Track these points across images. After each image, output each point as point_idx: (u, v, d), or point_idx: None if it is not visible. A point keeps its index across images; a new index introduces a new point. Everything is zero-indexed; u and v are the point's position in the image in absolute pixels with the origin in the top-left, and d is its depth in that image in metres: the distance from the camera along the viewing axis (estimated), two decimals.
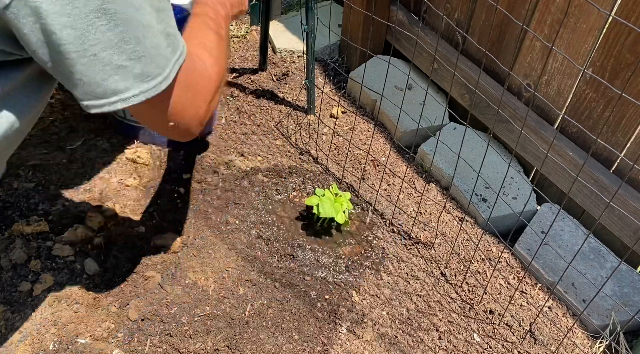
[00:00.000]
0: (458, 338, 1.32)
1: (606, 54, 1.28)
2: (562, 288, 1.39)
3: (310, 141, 1.75)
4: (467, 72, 1.62)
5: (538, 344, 1.32)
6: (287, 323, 1.30)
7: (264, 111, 1.83)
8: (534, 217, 1.53)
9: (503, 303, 1.39)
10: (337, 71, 2.01)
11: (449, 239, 1.51)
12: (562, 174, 1.45)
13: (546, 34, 1.41)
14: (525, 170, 1.66)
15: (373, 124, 1.82)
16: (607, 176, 1.36)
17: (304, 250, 1.45)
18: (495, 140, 1.73)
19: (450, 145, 1.60)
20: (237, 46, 2.09)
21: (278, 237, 1.47)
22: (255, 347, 1.25)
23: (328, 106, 1.87)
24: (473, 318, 1.36)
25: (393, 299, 1.38)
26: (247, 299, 1.33)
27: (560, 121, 1.48)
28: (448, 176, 1.61)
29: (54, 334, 1.22)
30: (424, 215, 1.57)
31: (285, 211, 1.54)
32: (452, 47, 1.71)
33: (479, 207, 1.54)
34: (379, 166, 1.69)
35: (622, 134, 1.34)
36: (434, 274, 1.44)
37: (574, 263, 1.37)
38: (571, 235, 1.49)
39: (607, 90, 1.31)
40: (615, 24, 1.24)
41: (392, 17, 1.83)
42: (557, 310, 1.39)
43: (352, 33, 1.92)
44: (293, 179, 1.62)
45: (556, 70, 1.43)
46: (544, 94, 1.49)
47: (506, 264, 1.47)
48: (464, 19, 1.65)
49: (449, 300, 1.39)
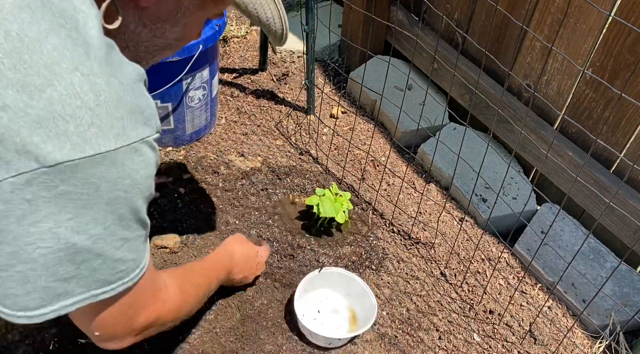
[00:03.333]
0: (458, 338, 1.32)
1: (606, 54, 1.28)
2: (562, 288, 1.39)
3: (310, 141, 1.75)
4: (467, 73, 1.62)
5: (538, 344, 1.32)
6: (287, 322, 1.30)
7: (264, 111, 1.83)
8: (534, 218, 1.53)
9: (503, 303, 1.39)
10: (337, 71, 2.01)
11: (449, 239, 1.51)
12: (562, 174, 1.45)
13: (546, 34, 1.41)
14: (525, 170, 1.66)
15: (373, 124, 1.82)
16: (607, 176, 1.36)
17: (304, 250, 1.45)
18: (495, 140, 1.73)
19: (450, 145, 1.60)
20: (237, 46, 2.09)
21: (278, 237, 1.47)
22: (255, 347, 1.25)
23: (328, 106, 1.87)
24: (473, 318, 1.36)
25: (393, 299, 1.38)
26: (247, 299, 1.33)
27: (560, 121, 1.48)
28: (448, 176, 1.61)
29: (54, 334, 1.22)
30: (424, 215, 1.57)
31: (285, 211, 1.54)
32: (452, 48, 1.71)
33: (479, 208, 1.54)
34: (379, 166, 1.69)
35: (622, 134, 1.34)
36: (434, 274, 1.44)
37: (574, 263, 1.37)
38: (571, 235, 1.49)
39: (607, 90, 1.32)
40: (615, 24, 1.24)
41: (392, 18, 1.83)
42: (557, 310, 1.39)
43: (352, 33, 1.92)
44: (293, 180, 1.62)
45: (556, 71, 1.44)
46: (544, 94, 1.49)
47: (506, 264, 1.47)
48: (464, 19, 1.65)
49: (449, 300, 1.39)
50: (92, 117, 0.56)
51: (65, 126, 0.54)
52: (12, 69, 0.53)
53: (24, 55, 0.53)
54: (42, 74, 0.53)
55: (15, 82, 0.53)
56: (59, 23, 0.56)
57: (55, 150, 0.54)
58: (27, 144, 0.53)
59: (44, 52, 0.54)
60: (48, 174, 0.54)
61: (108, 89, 0.57)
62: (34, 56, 0.53)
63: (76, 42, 0.56)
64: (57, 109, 0.54)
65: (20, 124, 0.53)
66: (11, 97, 0.52)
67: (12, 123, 0.53)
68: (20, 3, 0.54)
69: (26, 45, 0.53)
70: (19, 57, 0.53)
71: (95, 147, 0.56)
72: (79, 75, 0.55)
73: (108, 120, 0.57)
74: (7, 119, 0.52)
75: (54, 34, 0.55)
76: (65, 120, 0.54)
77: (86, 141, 0.55)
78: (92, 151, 0.56)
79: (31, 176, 0.54)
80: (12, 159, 0.53)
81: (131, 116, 0.59)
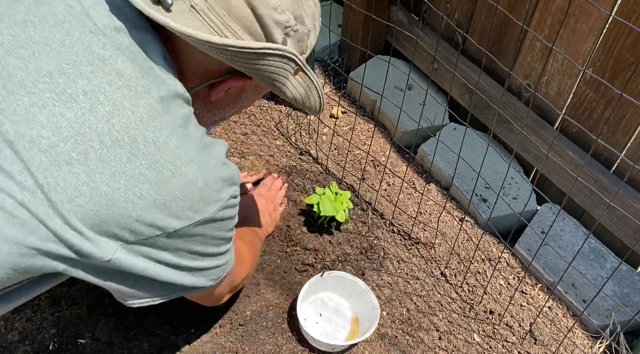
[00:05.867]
0: (458, 338, 1.32)
1: (606, 54, 1.28)
2: (562, 288, 1.39)
3: (310, 141, 1.75)
4: (467, 72, 1.62)
5: (538, 345, 1.32)
6: (287, 323, 1.30)
7: (264, 111, 1.83)
8: (534, 218, 1.53)
9: (503, 303, 1.39)
10: (337, 71, 2.01)
11: (449, 239, 1.51)
12: (562, 174, 1.45)
13: (546, 34, 1.41)
14: (526, 170, 1.66)
15: (373, 124, 1.82)
16: (607, 176, 1.36)
17: (304, 250, 1.45)
18: (496, 140, 1.73)
19: (450, 145, 1.60)
20: None
21: (278, 237, 1.47)
22: (255, 347, 1.24)
23: (328, 106, 1.87)
24: (473, 318, 1.36)
25: (393, 299, 1.38)
26: (247, 298, 1.33)
27: (561, 121, 1.48)
28: (448, 176, 1.61)
29: (54, 334, 1.22)
30: (424, 215, 1.57)
31: (285, 211, 1.53)
32: (452, 47, 1.71)
33: (479, 208, 1.54)
34: (379, 166, 1.69)
35: (622, 134, 1.34)
36: (434, 274, 1.44)
37: (574, 263, 1.37)
38: (571, 235, 1.49)
39: (607, 90, 1.31)
40: (615, 24, 1.24)
41: (392, 17, 1.83)
42: (557, 310, 1.39)
43: (352, 33, 1.92)
44: (293, 179, 1.62)
45: (556, 71, 1.43)
46: (544, 94, 1.49)
47: (506, 265, 1.47)
48: (464, 19, 1.65)
49: (449, 300, 1.39)
50: (199, 194, 0.73)
51: (182, 204, 0.71)
52: (148, 167, 0.68)
53: (156, 156, 0.69)
54: (169, 168, 0.70)
55: (150, 178, 0.68)
56: (178, 124, 0.72)
57: (174, 221, 0.72)
58: (155, 220, 0.70)
59: (170, 151, 0.70)
60: (168, 237, 0.73)
61: (211, 171, 0.75)
62: (163, 155, 0.69)
63: (188, 138, 0.73)
64: (177, 194, 0.71)
65: (151, 208, 0.69)
66: (146, 190, 0.68)
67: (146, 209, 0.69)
68: (153, 114, 0.69)
69: (158, 147, 0.69)
70: (152, 158, 0.68)
71: (201, 214, 0.74)
72: (193, 165, 0.72)
73: (209, 193, 0.74)
74: (142, 205, 0.68)
75: (174, 135, 0.71)
76: (183, 200, 0.71)
77: (196, 211, 0.73)
78: (199, 218, 0.74)
79: (155, 239, 0.72)
80: (142, 231, 0.70)
81: (223, 183, 0.77)
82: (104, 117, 0.66)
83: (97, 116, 0.66)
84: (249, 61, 0.76)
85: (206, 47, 0.72)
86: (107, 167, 0.66)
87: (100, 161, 0.65)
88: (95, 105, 0.66)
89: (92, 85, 0.66)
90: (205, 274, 0.85)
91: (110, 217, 0.67)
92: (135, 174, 0.67)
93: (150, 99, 0.69)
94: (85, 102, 0.65)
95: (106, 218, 0.67)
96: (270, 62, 0.77)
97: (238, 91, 0.89)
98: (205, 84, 0.83)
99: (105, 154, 0.66)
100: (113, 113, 0.66)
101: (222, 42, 0.71)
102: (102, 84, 0.67)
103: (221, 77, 0.83)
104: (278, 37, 0.78)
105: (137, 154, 0.67)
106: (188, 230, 0.74)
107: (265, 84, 0.83)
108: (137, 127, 0.68)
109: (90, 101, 0.66)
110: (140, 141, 0.68)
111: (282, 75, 0.81)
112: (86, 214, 0.65)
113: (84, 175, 0.65)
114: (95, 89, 0.66)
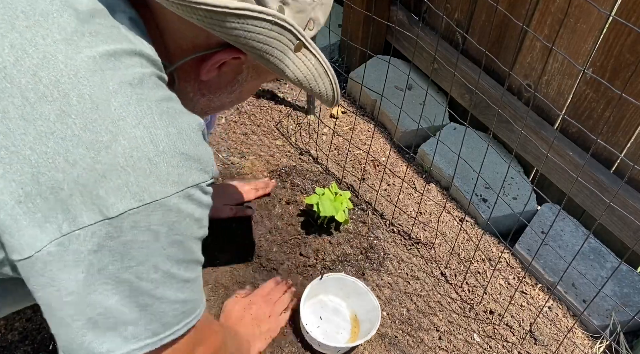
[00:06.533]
0: (458, 338, 1.32)
1: (606, 54, 1.28)
2: (562, 288, 1.39)
3: (310, 141, 1.75)
4: (467, 72, 1.62)
5: (538, 345, 1.32)
6: (289, 327, 1.30)
7: (264, 111, 1.83)
8: (534, 218, 1.53)
9: (503, 303, 1.39)
10: (337, 71, 2.01)
11: (449, 240, 1.51)
12: (562, 174, 1.45)
13: (546, 34, 1.41)
14: (526, 170, 1.66)
15: (373, 124, 1.82)
16: (607, 176, 1.36)
17: (304, 250, 1.44)
18: (496, 140, 1.73)
19: (450, 145, 1.60)
20: None
21: (278, 237, 1.47)
22: None
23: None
24: (473, 318, 1.36)
25: (393, 299, 1.38)
26: None
27: (561, 121, 1.48)
28: (448, 176, 1.61)
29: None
30: (424, 215, 1.57)
31: (285, 211, 1.53)
32: (452, 47, 1.71)
33: (479, 208, 1.54)
34: (379, 166, 1.69)
35: (622, 134, 1.34)
36: (434, 274, 1.44)
37: (574, 263, 1.37)
38: (571, 235, 1.49)
39: (607, 90, 1.31)
40: (615, 24, 1.24)
41: (392, 17, 1.83)
42: (557, 310, 1.39)
43: (352, 33, 1.92)
44: (293, 179, 1.62)
45: (556, 71, 1.43)
46: (544, 94, 1.49)
47: (506, 265, 1.47)
48: (464, 19, 1.65)
49: (449, 300, 1.39)
50: (149, 166, 0.58)
51: (127, 177, 0.57)
52: (83, 128, 0.56)
53: (93, 115, 0.57)
54: (109, 130, 0.57)
55: (85, 140, 0.56)
56: (127, 81, 0.60)
57: (117, 201, 0.57)
58: (93, 196, 0.56)
59: (112, 109, 0.58)
60: (111, 225, 0.57)
61: (167, 139, 0.60)
62: (102, 114, 0.57)
63: (140, 98, 0.60)
64: (120, 162, 0.57)
65: (87, 179, 0.56)
66: (80, 155, 0.56)
67: (80, 179, 0.56)
68: (93, 67, 0.58)
69: (96, 105, 0.57)
70: (89, 116, 0.57)
71: (152, 195, 0.59)
72: (141, 128, 0.59)
73: (165, 168, 0.60)
74: (75, 175, 0.56)
75: (121, 93, 0.59)
76: (127, 171, 0.57)
77: (144, 189, 0.58)
78: (150, 199, 0.58)
79: (96, 228, 0.57)
80: (78, 213, 0.56)
81: (187, 163, 0.62)
82: (30, 70, 0.56)
83: (20, 69, 0.56)
84: (229, 25, 0.64)
85: (175, 7, 0.62)
86: (30, 127, 0.55)
87: (23, 119, 0.55)
88: (22, 58, 0.57)
89: (23, 39, 0.57)
90: (153, 309, 0.63)
91: (35, 191, 0.55)
92: (67, 135, 0.56)
93: (92, 53, 0.59)
94: (10, 56, 0.57)
95: (30, 192, 0.55)
96: (258, 29, 0.66)
97: (233, 71, 0.78)
98: (191, 57, 0.72)
99: (28, 111, 0.56)
100: (41, 66, 0.57)
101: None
102: (36, 37, 0.58)
103: (209, 50, 0.72)
104: (272, 3, 0.67)
105: (68, 112, 0.56)
106: (135, 218, 0.58)
107: (258, 60, 0.71)
108: (71, 81, 0.57)
109: (16, 54, 0.57)
110: (73, 96, 0.57)
111: (279, 49, 0.70)
112: (5, 187, 0.55)
113: (1, 137, 0.55)
114: (25, 42, 0.57)
